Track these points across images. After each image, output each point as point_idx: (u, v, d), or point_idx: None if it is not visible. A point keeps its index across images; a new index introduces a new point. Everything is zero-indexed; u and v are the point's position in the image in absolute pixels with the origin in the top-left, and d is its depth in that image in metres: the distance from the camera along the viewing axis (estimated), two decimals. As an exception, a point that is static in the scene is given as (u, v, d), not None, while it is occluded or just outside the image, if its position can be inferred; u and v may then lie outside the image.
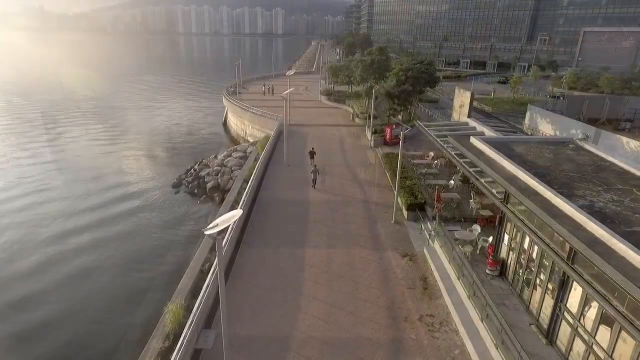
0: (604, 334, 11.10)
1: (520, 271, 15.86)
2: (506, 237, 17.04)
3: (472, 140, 18.20)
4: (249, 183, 27.05)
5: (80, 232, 30.33)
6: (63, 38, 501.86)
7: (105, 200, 36.24)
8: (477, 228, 20.04)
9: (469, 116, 31.71)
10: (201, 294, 15.58)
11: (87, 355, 19.30)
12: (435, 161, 30.47)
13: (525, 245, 15.48)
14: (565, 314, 12.77)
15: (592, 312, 11.63)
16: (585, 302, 11.90)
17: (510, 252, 16.73)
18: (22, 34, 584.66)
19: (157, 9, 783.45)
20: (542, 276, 14.31)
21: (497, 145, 17.49)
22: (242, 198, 24.59)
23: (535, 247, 14.72)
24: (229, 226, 20.67)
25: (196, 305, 14.93)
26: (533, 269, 14.90)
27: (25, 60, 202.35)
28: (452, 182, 25.89)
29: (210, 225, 11.10)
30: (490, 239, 19.00)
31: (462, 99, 32.93)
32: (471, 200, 23.12)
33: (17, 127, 63.48)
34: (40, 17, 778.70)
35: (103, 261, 26.41)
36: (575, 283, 12.27)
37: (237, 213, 11.19)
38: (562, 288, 12.92)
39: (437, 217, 20.66)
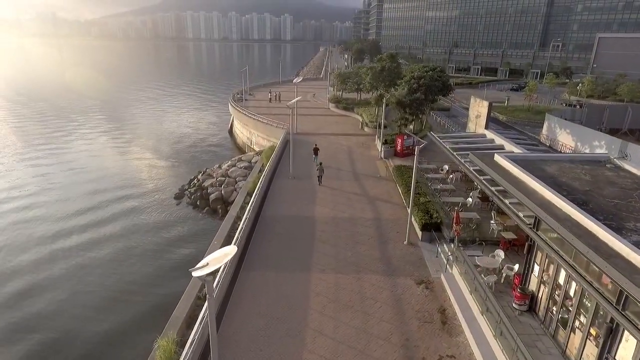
0: (668, 401, 9.24)
1: (554, 308, 13.99)
2: (536, 267, 15.19)
3: (497, 158, 16.42)
4: (252, 197, 25.53)
5: (72, 244, 29.02)
6: (75, 44, 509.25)
7: (104, 211, 34.98)
8: (500, 254, 18.17)
9: (486, 127, 29.88)
10: (194, 331, 13.92)
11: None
12: (451, 175, 28.59)
13: (560, 280, 13.64)
14: (614, 367, 10.90)
15: (651, 371, 9.78)
16: (641, 358, 10.04)
17: (541, 285, 14.88)
18: (36, 40, 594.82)
19: (167, 16, 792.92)
20: (582, 318, 12.45)
21: (525, 164, 15.69)
22: (245, 215, 23.06)
23: (573, 284, 12.88)
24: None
25: (188, 344, 13.29)
26: (570, 308, 13.04)
27: (36, 65, 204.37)
28: (470, 199, 23.98)
29: (200, 264, 9.51)
30: (517, 267, 17.17)
31: (478, 108, 31.12)
32: (492, 221, 21.22)
33: (21, 131, 62.91)
34: (53, 24, 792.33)
35: (92, 279, 24.99)
36: (627, 333, 10.42)
37: (231, 251, 9.61)
38: (610, 336, 11.06)
39: (455, 241, 18.85)
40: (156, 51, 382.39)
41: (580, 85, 69.55)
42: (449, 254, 19.70)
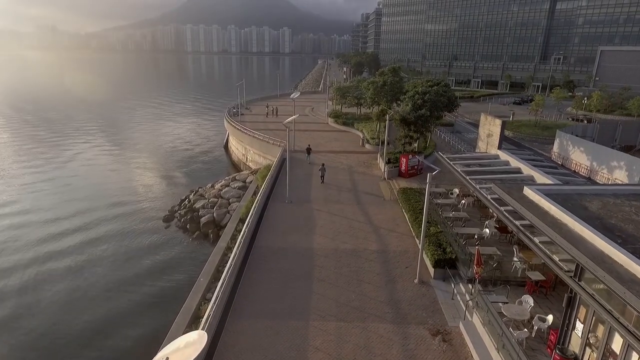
0: None
1: (607, 380, 11.44)
2: (579, 325, 12.67)
3: (527, 192, 14.01)
4: (245, 226, 23.05)
5: (40, 278, 26.28)
6: (75, 56, 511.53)
7: (85, 236, 32.30)
8: (529, 300, 15.63)
9: (499, 147, 27.60)
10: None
11: None
12: (463, 201, 26.10)
13: (615, 346, 11.11)
14: None
15: None
16: None
17: (587, 348, 12.34)
18: (36, 53, 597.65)
19: (166, 29, 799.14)
20: (650, 402, 9.91)
21: (563, 199, 13.29)
22: (235, 247, 20.58)
23: (634, 354, 10.37)
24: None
25: None
26: (631, 385, 10.50)
27: (39, 76, 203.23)
28: (486, 230, 21.44)
29: (158, 357, 6.98)
30: (550, 318, 14.64)
31: (490, 127, 28.90)
32: (514, 258, 18.69)
33: (18, 143, 60.53)
34: (53, 37, 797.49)
35: (57, 320, 22.22)
36: None
37: (200, 340, 7.08)
38: None
39: (476, 285, 16.33)
40: (155, 63, 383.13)
41: (586, 99, 67.58)
42: (468, 297, 17.19)
